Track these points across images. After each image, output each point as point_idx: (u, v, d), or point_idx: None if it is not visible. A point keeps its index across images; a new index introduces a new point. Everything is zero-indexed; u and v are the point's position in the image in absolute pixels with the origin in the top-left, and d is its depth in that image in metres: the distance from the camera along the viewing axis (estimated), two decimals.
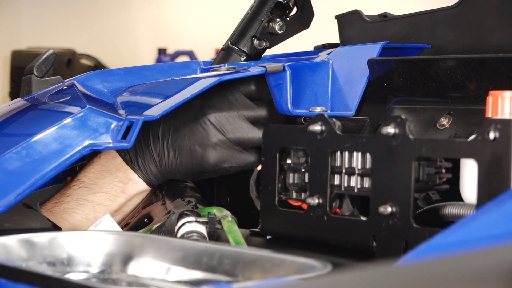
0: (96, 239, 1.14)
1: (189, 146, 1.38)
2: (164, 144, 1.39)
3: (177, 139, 1.39)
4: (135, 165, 1.40)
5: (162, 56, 5.72)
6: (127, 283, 1.10)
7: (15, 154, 1.27)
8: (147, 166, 1.40)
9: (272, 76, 1.38)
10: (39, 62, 1.45)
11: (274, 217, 1.21)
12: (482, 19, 1.40)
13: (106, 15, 6.03)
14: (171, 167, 1.40)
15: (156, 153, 1.40)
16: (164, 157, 1.40)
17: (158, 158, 1.40)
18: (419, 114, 1.30)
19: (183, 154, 1.38)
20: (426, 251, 0.83)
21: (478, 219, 0.90)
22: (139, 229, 1.37)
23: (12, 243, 1.10)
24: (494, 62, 1.21)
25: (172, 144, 1.39)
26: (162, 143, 1.39)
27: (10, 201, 1.22)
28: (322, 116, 1.16)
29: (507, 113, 1.04)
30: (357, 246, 1.11)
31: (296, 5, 1.64)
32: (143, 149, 1.40)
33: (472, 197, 1.04)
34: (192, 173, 1.40)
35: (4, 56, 5.41)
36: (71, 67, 4.93)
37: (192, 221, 1.23)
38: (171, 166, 1.40)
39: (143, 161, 1.40)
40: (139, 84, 1.48)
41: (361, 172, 1.12)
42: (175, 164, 1.39)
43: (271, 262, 1.03)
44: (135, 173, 1.41)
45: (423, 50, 1.47)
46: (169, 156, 1.39)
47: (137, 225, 1.42)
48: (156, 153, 1.40)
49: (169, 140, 1.39)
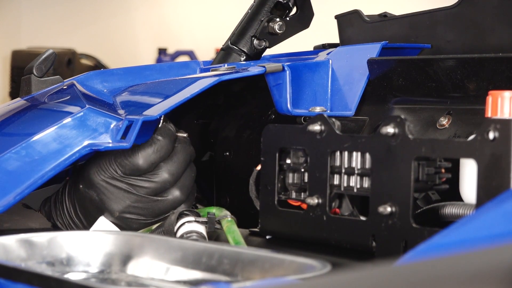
0: (95, 239, 1.14)
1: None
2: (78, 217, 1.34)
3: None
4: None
5: (162, 56, 5.72)
6: (126, 283, 1.10)
7: (15, 154, 1.27)
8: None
9: (272, 76, 1.38)
10: (39, 62, 1.45)
11: (274, 217, 1.21)
12: (482, 19, 1.39)
13: (106, 15, 6.03)
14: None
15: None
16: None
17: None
18: (419, 114, 1.30)
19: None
20: (425, 251, 0.83)
21: (477, 219, 0.90)
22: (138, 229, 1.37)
23: (12, 243, 1.10)
24: (494, 62, 1.21)
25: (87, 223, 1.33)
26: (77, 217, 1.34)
27: (9, 201, 1.22)
28: (321, 116, 1.16)
29: (506, 113, 1.04)
30: (357, 246, 1.11)
31: (296, 5, 1.64)
32: (70, 224, 1.35)
33: (472, 197, 1.04)
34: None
35: (4, 56, 5.41)
36: (71, 67, 4.93)
37: (192, 221, 1.23)
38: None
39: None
40: (139, 84, 1.48)
41: (361, 172, 1.12)
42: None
43: (271, 262, 1.03)
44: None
45: (423, 50, 1.47)
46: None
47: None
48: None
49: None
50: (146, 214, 1.31)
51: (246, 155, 1.49)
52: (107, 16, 6.04)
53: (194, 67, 1.59)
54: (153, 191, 1.31)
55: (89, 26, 5.94)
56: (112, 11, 6.06)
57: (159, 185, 1.31)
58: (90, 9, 5.95)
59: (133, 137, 1.25)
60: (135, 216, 1.31)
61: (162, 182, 1.31)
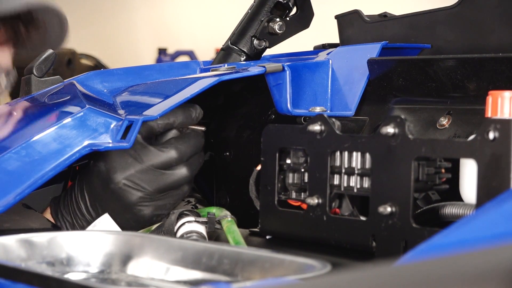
0: (95, 239, 1.14)
1: (119, 209, 1.32)
2: (95, 210, 1.34)
3: (103, 204, 1.33)
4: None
5: (162, 56, 5.73)
6: (126, 283, 1.10)
7: (15, 154, 1.27)
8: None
9: (272, 76, 1.38)
10: (39, 62, 1.45)
11: (274, 217, 1.21)
12: (482, 19, 1.39)
13: (106, 15, 6.04)
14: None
15: (89, 219, 1.34)
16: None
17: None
18: (419, 114, 1.30)
19: (116, 216, 1.32)
20: (425, 251, 0.83)
21: (477, 219, 0.90)
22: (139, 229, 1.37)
23: (12, 243, 1.10)
24: (494, 62, 1.21)
25: (102, 210, 1.33)
26: (94, 210, 1.34)
27: (9, 201, 1.22)
28: (321, 116, 1.16)
29: (506, 113, 1.04)
30: (357, 246, 1.11)
31: (296, 5, 1.64)
32: (77, 215, 1.35)
33: (472, 197, 1.03)
34: (137, 227, 1.33)
35: None
36: (71, 67, 4.93)
37: (192, 221, 1.23)
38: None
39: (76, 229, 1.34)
40: (139, 84, 1.48)
41: (361, 172, 1.12)
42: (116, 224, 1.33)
43: (271, 262, 1.03)
44: None
45: (423, 50, 1.47)
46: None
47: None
48: (90, 219, 1.34)
49: (97, 205, 1.33)
50: (149, 186, 1.31)
51: (246, 155, 1.49)
52: (107, 16, 6.04)
53: (194, 67, 1.59)
54: (159, 164, 1.31)
55: (89, 26, 5.94)
56: (112, 11, 6.07)
57: (166, 159, 1.32)
58: (90, 9, 5.96)
59: (133, 137, 1.25)
60: (138, 187, 1.31)
61: (169, 158, 1.32)
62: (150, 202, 1.32)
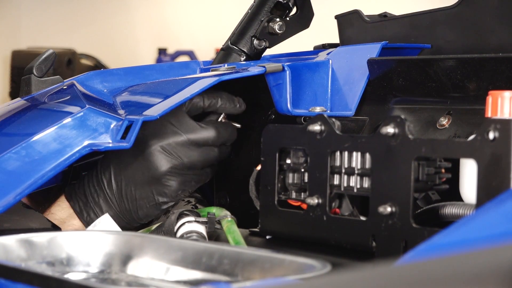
0: (95, 239, 1.14)
1: (144, 179, 1.34)
2: (119, 182, 1.35)
3: (130, 175, 1.34)
4: (85, 218, 1.35)
5: (162, 56, 5.72)
6: (126, 283, 1.10)
7: (15, 154, 1.27)
8: (101, 215, 1.34)
9: (272, 76, 1.38)
10: (39, 62, 1.45)
11: (274, 217, 1.21)
12: (482, 19, 1.39)
13: (106, 15, 6.03)
14: (131, 205, 1.35)
15: (111, 194, 1.35)
16: (121, 197, 1.35)
17: (115, 200, 1.35)
18: (419, 114, 1.30)
19: (141, 188, 1.34)
20: (425, 251, 0.83)
21: (477, 219, 0.90)
22: (138, 229, 1.37)
23: (12, 243, 1.10)
24: (494, 62, 1.21)
25: (126, 182, 1.34)
26: (117, 182, 1.35)
27: (9, 201, 1.21)
28: (321, 116, 1.16)
29: (506, 113, 1.04)
30: (357, 246, 1.11)
31: (296, 5, 1.64)
32: (98, 194, 1.35)
33: (472, 197, 1.04)
34: (155, 206, 1.35)
35: (4, 56, 5.41)
36: (71, 67, 4.93)
37: (192, 221, 1.23)
38: (131, 204, 1.35)
39: (97, 209, 1.35)
40: (139, 84, 1.48)
41: (361, 172, 1.12)
42: (135, 200, 1.34)
43: (271, 262, 1.03)
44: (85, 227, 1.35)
45: (423, 50, 1.47)
46: (126, 194, 1.35)
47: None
48: (112, 195, 1.35)
49: (122, 177, 1.34)
50: (183, 157, 1.34)
51: (246, 155, 1.49)
52: (107, 16, 6.04)
53: (194, 67, 1.58)
54: (197, 139, 1.35)
55: (89, 26, 5.94)
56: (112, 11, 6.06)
57: (204, 136, 1.36)
58: (90, 9, 5.95)
59: (133, 137, 1.25)
60: (171, 156, 1.33)
61: (207, 135, 1.36)
62: (178, 175, 1.34)
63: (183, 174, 1.35)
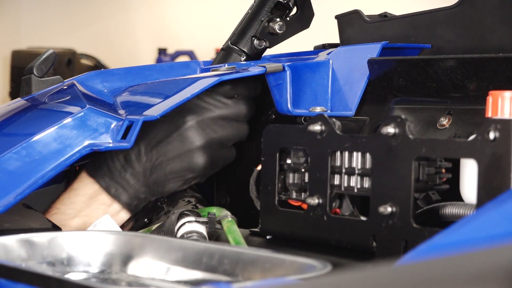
0: (95, 239, 1.14)
1: (176, 154, 1.37)
2: (150, 157, 1.36)
3: (162, 150, 1.37)
4: (113, 192, 1.37)
5: (162, 56, 5.72)
6: (127, 283, 1.10)
7: (15, 154, 1.27)
8: (129, 189, 1.37)
9: (272, 76, 1.38)
10: (39, 62, 1.45)
11: (274, 217, 1.21)
12: (482, 19, 1.39)
13: (106, 15, 6.03)
14: (160, 179, 1.37)
15: (141, 169, 1.37)
16: (151, 170, 1.37)
17: (144, 174, 1.37)
18: (419, 114, 1.30)
19: (172, 162, 1.37)
20: (426, 251, 0.83)
21: (478, 219, 0.90)
22: (139, 229, 1.37)
23: (12, 243, 1.10)
24: (494, 62, 1.21)
25: (158, 156, 1.37)
26: (148, 157, 1.36)
27: (9, 201, 1.22)
28: (322, 116, 1.16)
29: (507, 113, 1.04)
30: (357, 246, 1.11)
31: (296, 5, 1.63)
32: (125, 169, 1.37)
33: (472, 197, 1.04)
34: (184, 180, 1.38)
35: (4, 56, 5.41)
36: (71, 67, 4.93)
37: (192, 221, 1.23)
38: (161, 177, 1.37)
39: (125, 183, 1.37)
40: (139, 84, 1.48)
41: (361, 172, 1.12)
42: (165, 174, 1.37)
43: (271, 262, 1.03)
44: (115, 201, 1.37)
45: (423, 50, 1.47)
46: (156, 168, 1.37)
47: (137, 225, 1.42)
48: (142, 169, 1.37)
49: (154, 152, 1.37)
50: (216, 133, 1.38)
51: (246, 155, 1.49)
52: (107, 16, 6.04)
53: (194, 67, 1.58)
54: (229, 114, 1.40)
55: (89, 26, 5.94)
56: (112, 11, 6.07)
57: (236, 111, 1.40)
58: (90, 9, 5.96)
59: (133, 137, 1.25)
60: (205, 132, 1.37)
61: (239, 110, 1.41)
62: (209, 152, 1.38)
63: (214, 150, 1.39)
